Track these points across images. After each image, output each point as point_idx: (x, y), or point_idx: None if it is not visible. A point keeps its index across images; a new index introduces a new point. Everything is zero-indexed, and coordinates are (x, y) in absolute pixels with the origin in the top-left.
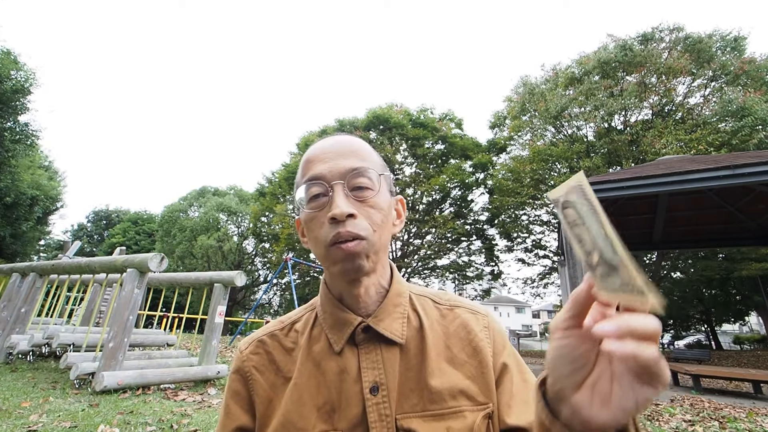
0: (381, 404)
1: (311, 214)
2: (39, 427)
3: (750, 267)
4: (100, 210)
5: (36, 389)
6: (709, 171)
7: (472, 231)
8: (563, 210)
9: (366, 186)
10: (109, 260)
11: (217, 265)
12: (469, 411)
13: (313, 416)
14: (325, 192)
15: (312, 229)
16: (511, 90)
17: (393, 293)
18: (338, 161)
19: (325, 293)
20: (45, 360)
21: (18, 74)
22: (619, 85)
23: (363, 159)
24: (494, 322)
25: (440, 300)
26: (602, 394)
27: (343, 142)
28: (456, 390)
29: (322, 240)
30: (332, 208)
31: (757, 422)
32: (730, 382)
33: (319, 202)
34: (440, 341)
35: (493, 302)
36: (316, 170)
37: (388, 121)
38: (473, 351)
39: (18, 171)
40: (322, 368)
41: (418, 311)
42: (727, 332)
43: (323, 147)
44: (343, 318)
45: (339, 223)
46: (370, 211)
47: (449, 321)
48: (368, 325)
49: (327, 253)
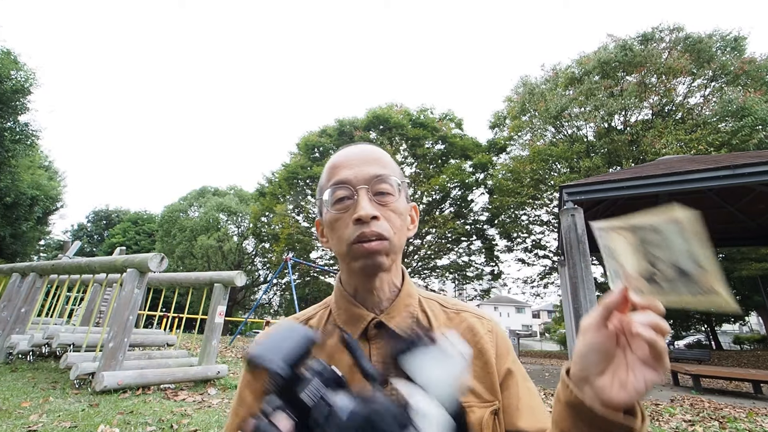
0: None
1: (336, 215)
2: (39, 427)
3: (750, 267)
4: (100, 210)
5: (36, 389)
6: (709, 171)
7: (472, 231)
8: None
9: (387, 192)
10: (109, 260)
11: (217, 265)
12: (476, 407)
13: None
14: (350, 195)
15: (336, 229)
16: (511, 90)
17: (404, 293)
18: (363, 168)
19: (339, 290)
20: (45, 360)
21: (18, 74)
22: (619, 85)
23: (385, 167)
24: (498, 327)
25: (447, 304)
26: (620, 379)
27: (367, 150)
28: (463, 387)
29: (346, 239)
30: (358, 210)
31: (757, 422)
32: (730, 382)
33: (344, 205)
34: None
35: (493, 302)
36: (342, 175)
37: (388, 121)
38: (478, 352)
39: (18, 171)
40: (335, 361)
41: (427, 312)
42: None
43: (348, 154)
44: (357, 313)
45: (364, 224)
46: (391, 215)
47: (456, 324)
48: (380, 321)
49: (349, 250)
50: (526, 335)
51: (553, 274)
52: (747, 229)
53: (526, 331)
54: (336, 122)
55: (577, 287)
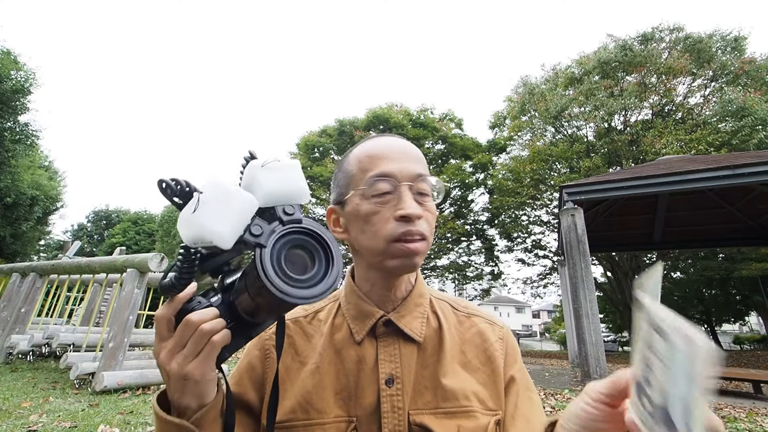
0: (395, 396)
1: (374, 209)
2: (39, 427)
3: (750, 267)
4: (100, 210)
5: (36, 389)
6: (709, 171)
7: (472, 231)
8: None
9: (427, 192)
10: (109, 260)
11: None
12: (480, 413)
13: (331, 400)
14: (392, 190)
15: (373, 223)
16: (511, 90)
17: (416, 293)
18: (408, 164)
19: (350, 285)
20: (45, 360)
21: (18, 74)
22: (619, 85)
23: (426, 167)
24: (509, 335)
25: (458, 306)
26: None
27: (409, 146)
28: (468, 391)
29: (385, 235)
30: (404, 207)
31: (757, 422)
32: (730, 382)
33: (384, 198)
34: (456, 345)
35: (493, 302)
36: (385, 168)
37: (388, 121)
38: (487, 359)
39: (18, 171)
40: (342, 356)
41: (438, 313)
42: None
43: (390, 145)
44: (367, 310)
45: (410, 222)
46: (428, 216)
47: (466, 328)
48: (389, 319)
49: (388, 247)
50: (526, 335)
51: (553, 274)
52: (747, 229)
53: (526, 331)
54: (336, 122)
55: (577, 287)
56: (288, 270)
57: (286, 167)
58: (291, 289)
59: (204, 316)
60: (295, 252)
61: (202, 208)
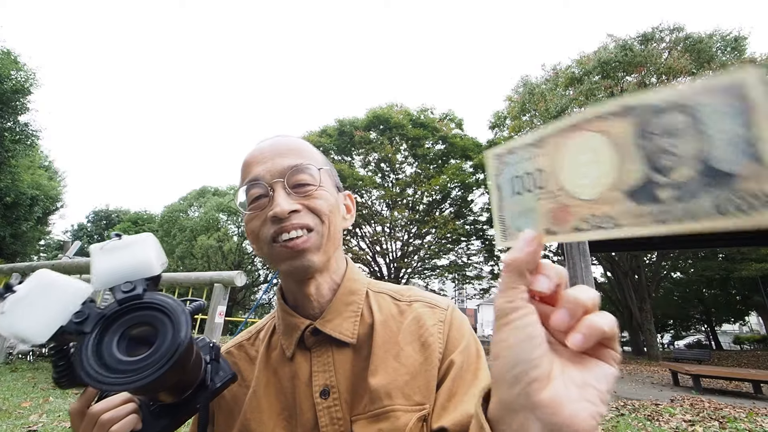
0: (332, 407)
1: (252, 215)
2: (39, 427)
3: (750, 267)
4: (100, 210)
5: (36, 389)
6: None
7: (471, 231)
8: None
9: (306, 182)
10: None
11: (217, 265)
12: (402, 411)
13: (271, 423)
14: (266, 193)
15: (255, 231)
16: (511, 90)
17: (343, 291)
18: (276, 160)
19: (278, 298)
20: (45, 360)
21: (18, 74)
22: (619, 85)
23: (301, 155)
24: (454, 315)
25: (401, 296)
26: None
27: (280, 141)
28: (392, 387)
29: (264, 239)
30: (273, 206)
31: (757, 422)
32: (730, 382)
33: (259, 203)
34: (393, 338)
35: (493, 301)
36: (254, 172)
37: (388, 121)
38: (421, 346)
39: (18, 171)
40: (279, 375)
41: (372, 308)
42: (727, 332)
43: (261, 148)
44: (292, 323)
45: (281, 221)
46: (315, 202)
47: (405, 316)
48: (316, 327)
49: (271, 251)
50: None
51: None
52: (747, 230)
53: None
54: (336, 122)
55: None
56: (117, 353)
57: (129, 244)
58: (109, 377)
59: (107, 405)
60: (140, 329)
61: (11, 307)
